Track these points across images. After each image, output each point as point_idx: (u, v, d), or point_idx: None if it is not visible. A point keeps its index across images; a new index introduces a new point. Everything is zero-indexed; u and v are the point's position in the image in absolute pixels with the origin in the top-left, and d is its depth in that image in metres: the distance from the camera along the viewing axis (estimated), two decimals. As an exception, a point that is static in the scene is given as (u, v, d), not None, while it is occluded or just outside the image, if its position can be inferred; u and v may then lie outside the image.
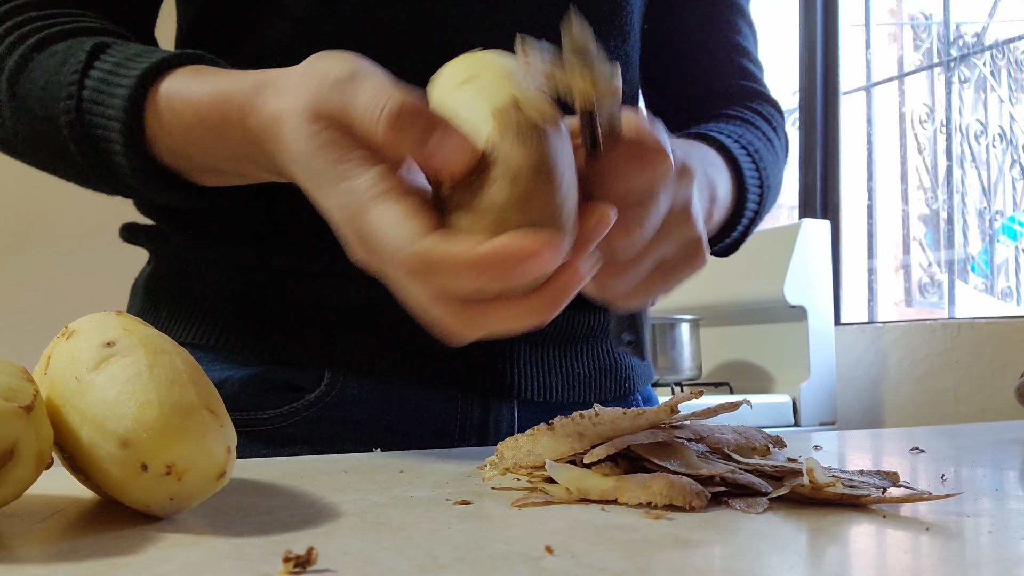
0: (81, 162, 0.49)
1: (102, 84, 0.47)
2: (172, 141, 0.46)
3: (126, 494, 0.29)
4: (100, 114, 0.47)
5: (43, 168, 0.54)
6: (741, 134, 0.62)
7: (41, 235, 2.00)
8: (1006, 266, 2.04)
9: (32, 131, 0.50)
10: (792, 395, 1.85)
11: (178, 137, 0.46)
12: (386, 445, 0.57)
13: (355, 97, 0.34)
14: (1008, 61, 2.08)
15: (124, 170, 0.48)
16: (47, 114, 0.48)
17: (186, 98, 0.45)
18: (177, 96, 0.45)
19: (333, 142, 0.35)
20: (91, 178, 0.50)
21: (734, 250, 0.66)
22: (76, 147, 0.48)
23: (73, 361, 0.31)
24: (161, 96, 0.46)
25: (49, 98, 0.48)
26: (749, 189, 0.58)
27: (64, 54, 0.49)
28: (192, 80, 0.45)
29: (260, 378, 0.57)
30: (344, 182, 0.34)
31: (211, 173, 0.48)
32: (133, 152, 0.46)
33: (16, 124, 0.51)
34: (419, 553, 0.26)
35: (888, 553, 0.28)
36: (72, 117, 0.47)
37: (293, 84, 0.38)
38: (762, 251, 1.95)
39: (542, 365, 0.61)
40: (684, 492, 0.33)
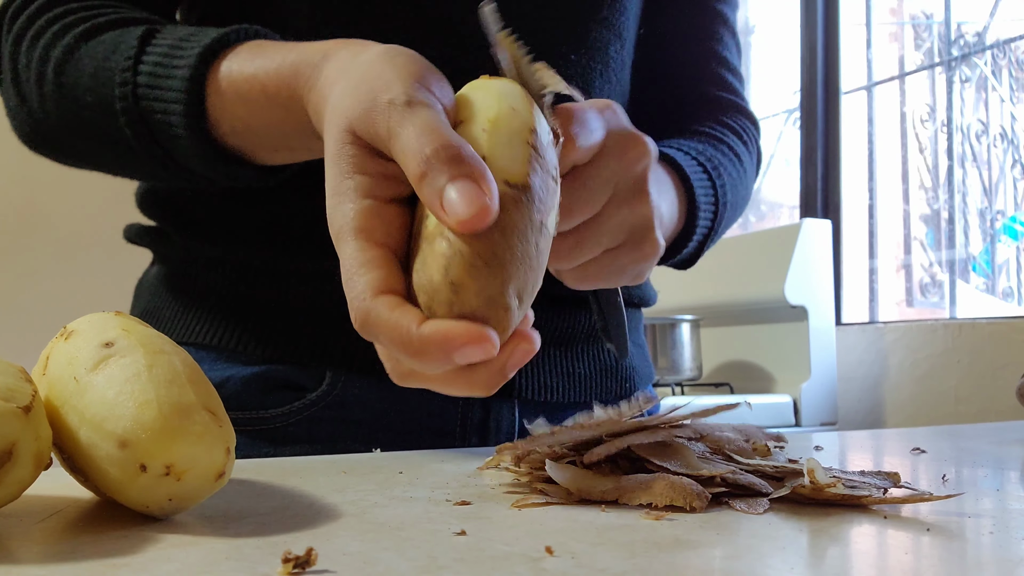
0: (137, 147, 0.48)
1: (158, 68, 0.46)
2: (237, 121, 0.46)
3: (125, 495, 0.29)
4: (158, 98, 0.46)
5: (82, 160, 0.54)
6: (702, 150, 0.62)
7: (40, 235, 2.00)
8: (1007, 266, 2.03)
9: (79, 119, 0.50)
10: (793, 395, 1.85)
11: (243, 116, 0.45)
12: (387, 445, 0.57)
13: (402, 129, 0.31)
14: (1009, 60, 2.08)
15: (187, 153, 0.47)
16: (98, 100, 0.48)
17: (249, 75, 0.44)
18: (239, 75, 0.45)
19: (351, 156, 0.33)
20: (145, 166, 0.50)
21: (690, 264, 0.65)
22: (132, 132, 0.47)
23: (72, 361, 0.31)
24: (223, 75, 0.45)
25: (99, 85, 0.48)
26: (700, 206, 0.57)
27: (113, 41, 0.49)
28: (255, 55, 0.45)
29: (262, 378, 0.57)
30: (337, 199, 0.33)
31: (278, 150, 0.47)
32: (196, 135, 0.46)
33: (61, 114, 0.50)
34: (419, 554, 0.26)
35: (889, 554, 0.28)
36: (128, 103, 0.47)
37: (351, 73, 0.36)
38: (763, 251, 1.95)
39: (543, 365, 0.61)
40: (685, 493, 0.33)
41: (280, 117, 0.44)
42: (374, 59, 0.36)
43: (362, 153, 0.33)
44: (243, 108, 0.45)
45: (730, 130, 0.69)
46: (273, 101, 0.43)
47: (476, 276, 0.29)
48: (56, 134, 0.52)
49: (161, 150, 0.48)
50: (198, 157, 0.47)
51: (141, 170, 0.52)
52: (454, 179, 0.29)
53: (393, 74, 0.34)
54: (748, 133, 0.71)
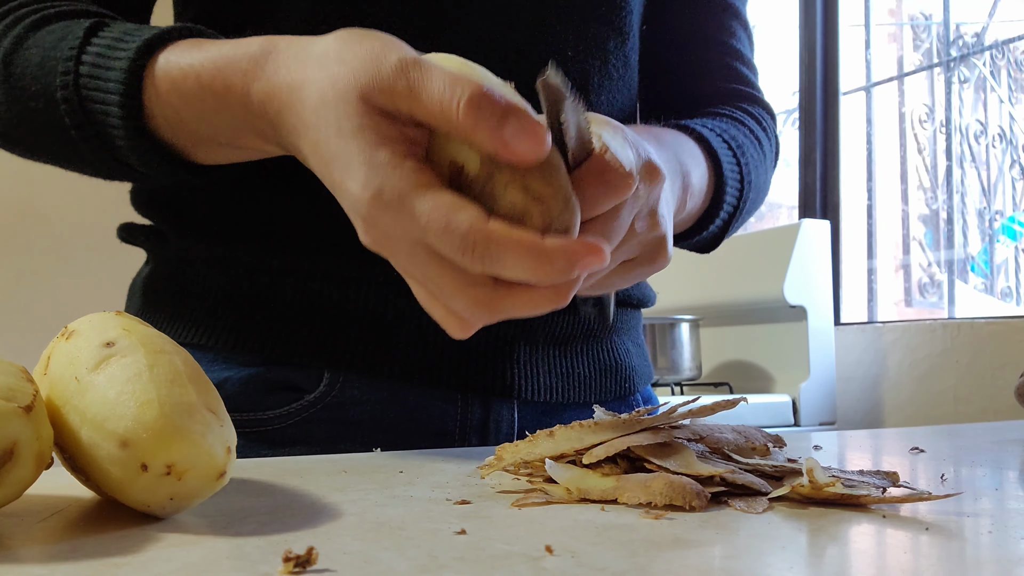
0: (76, 138, 0.48)
1: (99, 59, 0.46)
2: (170, 112, 0.46)
3: (126, 494, 0.29)
4: (97, 88, 0.46)
5: (36, 154, 0.53)
6: (725, 128, 0.62)
7: (41, 235, 2.00)
8: (1006, 266, 2.04)
9: (26, 110, 0.49)
10: (792, 395, 1.85)
11: (176, 106, 0.45)
12: (386, 445, 0.57)
13: (427, 82, 0.33)
14: (1008, 61, 2.08)
15: (121, 144, 0.47)
16: (43, 89, 0.48)
17: (185, 67, 0.44)
18: (176, 66, 0.45)
19: (373, 127, 0.34)
20: (86, 157, 0.49)
21: (714, 246, 0.66)
22: (72, 121, 0.47)
23: (73, 361, 0.31)
24: (159, 67, 0.45)
25: (44, 74, 0.48)
26: (728, 181, 0.58)
27: (62, 31, 0.49)
28: (192, 49, 0.45)
29: (260, 379, 0.57)
30: (379, 168, 0.34)
31: (209, 146, 0.47)
32: (131, 125, 0.46)
33: (10, 104, 0.50)
34: (419, 553, 0.26)
35: (888, 553, 0.28)
36: (69, 92, 0.47)
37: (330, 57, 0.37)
38: (762, 251, 1.95)
39: (542, 365, 0.61)
40: (684, 492, 0.33)
41: (212, 107, 0.44)
42: (347, 38, 0.37)
43: (384, 121, 0.35)
44: (177, 99, 0.45)
45: (750, 115, 0.69)
46: (207, 91, 0.44)
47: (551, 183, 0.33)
48: (10, 128, 0.52)
49: (100, 142, 0.48)
50: (133, 149, 0.47)
51: (86, 163, 0.51)
52: (504, 119, 0.32)
53: (380, 44, 0.35)
54: (766, 122, 0.71)
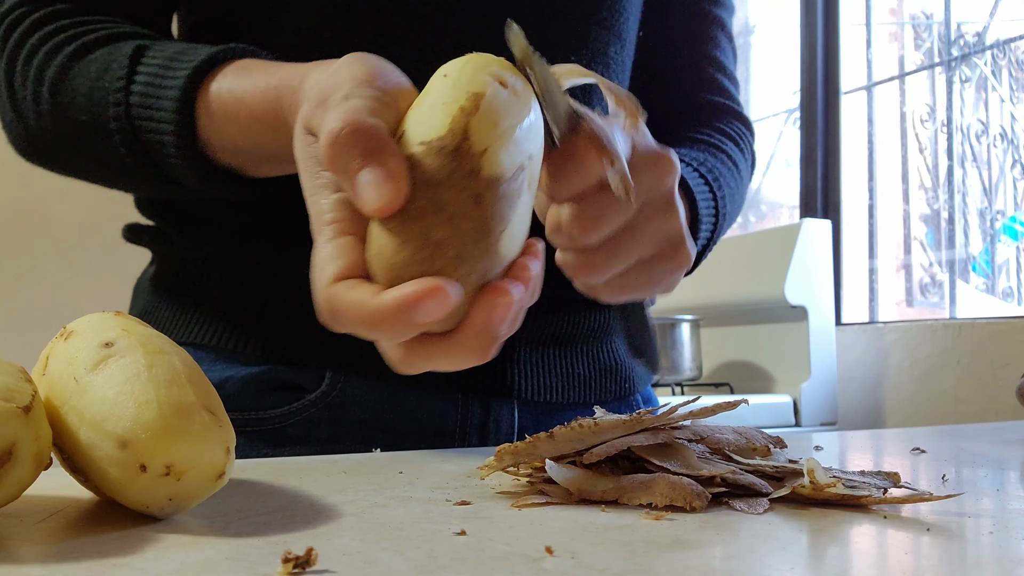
0: (133, 165, 0.49)
1: (149, 88, 0.47)
2: (227, 140, 0.46)
3: (125, 495, 0.29)
4: (150, 118, 0.47)
5: (79, 173, 0.55)
6: (704, 160, 0.63)
7: (40, 235, 2.00)
8: (1007, 266, 2.03)
9: (77, 138, 0.50)
10: (793, 395, 1.85)
11: (233, 135, 0.46)
12: (387, 445, 0.57)
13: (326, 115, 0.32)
14: (1009, 61, 2.08)
15: (179, 171, 0.48)
16: (94, 120, 0.49)
17: (239, 97, 0.45)
18: (229, 95, 0.45)
19: (312, 156, 0.34)
20: (142, 179, 0.51)
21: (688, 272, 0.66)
22: (127, 151, 0.48)
23: (71, 362, 0.31)
24: (212, 96, 0.46)
25: (94, 105, 0.49)
26: (702, 219, 0.58)
27: (105, 60, 0.49)
28: (242, 77, 0.45)
29: (261, 378, 0.57)
30: (313, 197, 0.34)
31: (269, 163, 0.48)
32: (187, 154, 0.47)
33: (58, 132, 0.51)
34: (419, 554, 0.26)
35: (889, 554, 0.28)
36: (123, 123, 0.48)
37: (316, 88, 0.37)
38: (763, 251, 1.95)
39: (542, 365, 0.61)
40: (684, 493, 0.33)
41: (270, 139, 0.44)
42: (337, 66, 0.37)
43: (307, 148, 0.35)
44: (233, 128, 0.46)
45: (727, 137, 0.69)
46: (261, 123, 0.44)
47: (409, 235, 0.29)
48: (54, 149, 0.53)
49: (156, 168, 0.49)
50: (192, 174, 0.48)
51: (139, 185, 0.53)
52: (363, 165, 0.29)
53: (346, 75, 0.34)
54: (744, 139, 0.71)
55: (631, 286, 0.43)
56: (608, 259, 0.41)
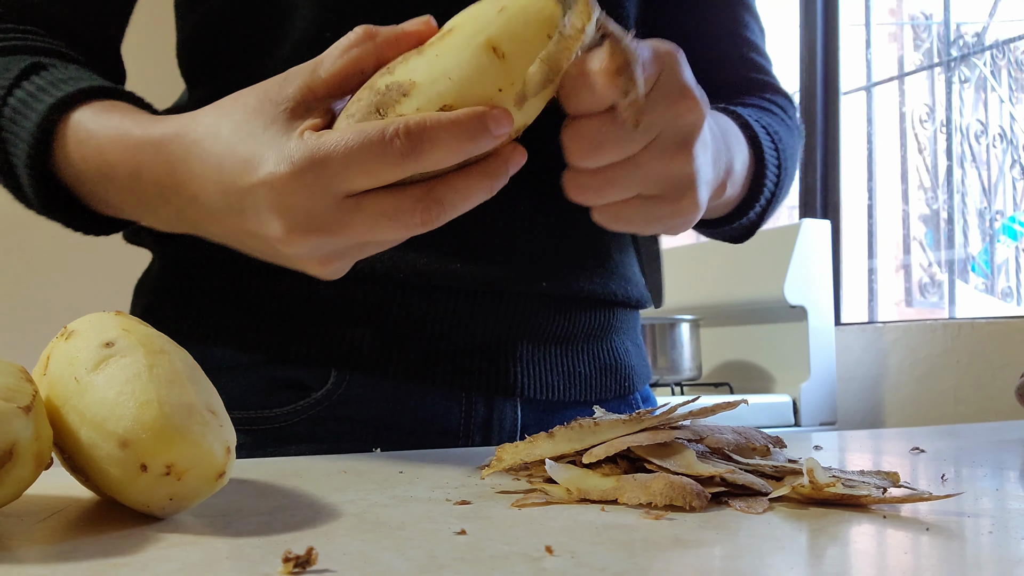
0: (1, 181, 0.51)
1: (22, 105, 0.48)
2: (72, 169, 0.47)
3: (126, 494, 0.29)
4: (14, 133, 0.48)
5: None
6: (760, 116, 0.62)
7: (40, 235, 2.00)
8: (1006, 266, 2.04)
9: None
10: (792, 395, 1.85)
11: (77, 165, 0.47)
12: (391, 444, 0.57)
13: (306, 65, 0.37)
14: (1008, 61, 2.08)
15: (28, 188, 0.49)
16: None
17: (90, 130, 0.46)
18: (83, 128, 0.46)
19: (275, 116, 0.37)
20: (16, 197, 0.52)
21: (749, 235, 0.65)
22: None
23: (72, 361, 0.31)
24: (71, 125, 0.47)
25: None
26: (768, 168, 0.57)
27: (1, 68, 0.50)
28: (102, 113, 0.46)
29: (266, 377, 0.57)
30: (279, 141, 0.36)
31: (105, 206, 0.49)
32: (36, 175, 0.48)
33: None
34: (419, 553, 0.26)
35: (888, 553, 0.28)
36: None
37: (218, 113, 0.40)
38: (762, 251, 1.95)
39: (544, 364, 0.62)
40: (684, 492, 0.33)
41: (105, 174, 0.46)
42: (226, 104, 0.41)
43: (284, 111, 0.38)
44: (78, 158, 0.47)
45: (775, 104, 0.69)
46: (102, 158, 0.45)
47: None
48: None
49: (16, 182, 0.50)
50: (37, 197, 0.49)
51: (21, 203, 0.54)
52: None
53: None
54: (789, 110, 0.71)
55: (626, 219, 0.42)
56: (602, 186, 0.40)
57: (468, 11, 0.37)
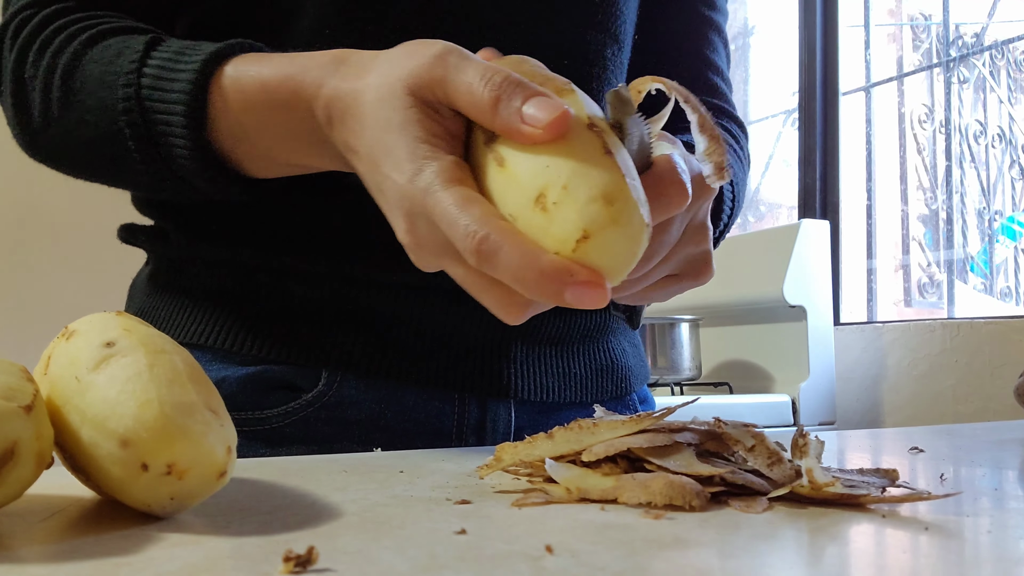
0: (135, 148, 0.48)
1: (163, 71, 0.47)
2: (233, 122, 0.46)
3: (127, 494, 0.30)
4: (161, 99, 0.47)
5: (82, 170, 0.54)
6: None
7: (41, 235, 2.00)
8: (1005, 266, 2.04)
9: (83, 124, 0.50)
10: (791, 395, 1.85)
11: (240, 117, 0.45)
12: (384, 445, 0.57)
13: (459, 71, 0.35)
14: (1007, 61, 2.08)
15: (180, 154, 0.47)
16: (101, 104, 0.48)
17: (254, 75, 0.45)
18: (245, 74, 0.45)
19: (418, 121, 0.36)
20: (139, 171, 0.50)
21: None
22: (132, 132, 0.48)
23: (73, 361, 0.31)
24: (228, 75, 0.46)
25: (104, 87, 0.48)
26: (724, 202, 0.60)
27: (119, 47, 0.49)
28: (261, 61, 0.45)
29: (258, 378, 0.57)
30: (416, 163, 0.35)
31: (263, 161, 0.48)
32: (192, 135, 0.46)
33: (64, 121, 0.51)
34: (419, 552, 0.26)
35: (887, 553, 0.28)
36: (131, 103, 0.47)
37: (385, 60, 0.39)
38: (762, 251, 1.96)
39: (539, 365, 0.61)
40: (684, 492, 0.33)
41: (274, 116, 0.44)
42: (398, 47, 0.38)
43: (429, 115, 0.36)
44: (242, 108, 0.45)
45: (728, 133, 0.70)
46: (272, 99, 0.44)
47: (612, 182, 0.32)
48: (55, 143, 0.52)
49: (158, 154, 0.48)
50: (193, 160, 0.47)
51: (135, 178, 0.52)
52: (528, 98, 0.32)
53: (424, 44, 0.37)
54: (740, 140, 0.72)
55: (651, 297, 0.45)
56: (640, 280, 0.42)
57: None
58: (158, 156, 0.48)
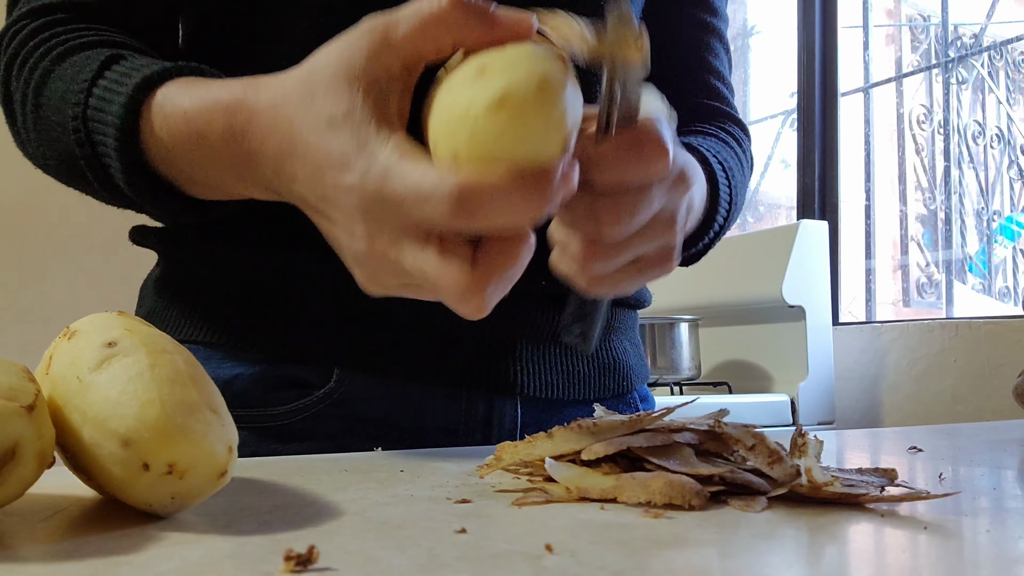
0: (84, 169, 0.49)
1: (106, 92, 0.47)
2: (162, 149, 0.46)
3: (128, 493, 0.30)
4: (100, 120, 0.47)
5: (63, 180, 0.54)
6: (718, 150, 0.64)
7: (42, 235, 2.00)
8: (1004, 266, 2.04)
9: (50, 139, 0.51)
10: (790, 395, 1.85)
11: (167, 144, 0.45)
12: (392, 442, 0.58)
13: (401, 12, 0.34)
14: (1006, 62, 2.08)
15: (118, 177, 0.47)
16: (60, 121, 0.49)
17: (176, 104, 0.44)
18: (169, 102, 0.45)
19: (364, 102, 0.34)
20: (96, 188, 0.50)
21: (695, 261, 0.67)
22: (80, 152, 0.48)
23: (75, 361, 0.31)
24: (156, 103, 0.46)
25: (63, 106, 0.49)
26: (720, 204, 0.59)
27: (81, 64, 0.49)
28: (187, 88, 0.45)
29: (269, 375, 0.57)
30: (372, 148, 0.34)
31: (198, 185, 0.48)
32: (126, 159, 0.46)
33: (38, 135, 0.52)
34: (420, 552, 0.26)
35: (886, 552, 0.28)
36: (78, 124, 0.48)
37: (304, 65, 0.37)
38: (761, 252, 1.96)
39: (543, 363, 0.62)
40: (683, 491, 0.33)
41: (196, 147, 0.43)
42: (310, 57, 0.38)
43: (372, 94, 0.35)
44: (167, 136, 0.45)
45: (730, 135, 0.70)
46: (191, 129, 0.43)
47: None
48: (38, 153, 0.53)
49: (105, 175, 0.49)
50: (129, 182, 0.47)
51: (97, 195, 0.52)
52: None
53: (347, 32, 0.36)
54: (743, 142, 0.72)
55: (619, 282, 0.44)
56: (616, 251, 0.41)
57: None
58: (105, 177, 0.49)
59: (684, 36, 0.72)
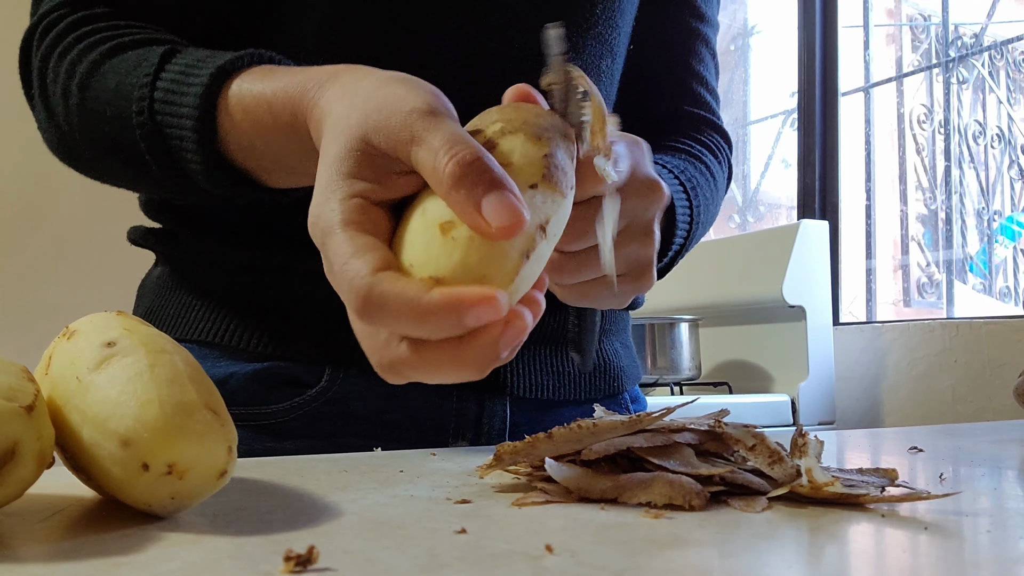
0: (152, 161, 0.48)
1: (174, 84, 0.47)
2: (243, 138, 0.46)
3: (127, 493, 0.30)
4: (172, 113, 0.47)
5: (101, 174, 0.54)
6: (684, 168, 0.63)
7: (42, 235, 2.00)
8: (1004, 266, 2.04)
9: (100, 134, 0.50)
10: (791, 395, 1.85)
11: (249, 134, 0.45)
12: (385, 439, 0.58)
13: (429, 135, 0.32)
14: (1006, 62, 2.08)
15: (196, 169, 0.47)
16: (117, 114, 0.49)
17: (257, 94, 0.44)
18: (249, 93, 0.45)
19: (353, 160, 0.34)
20: (161, 181, 0.50)
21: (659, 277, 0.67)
22: (147, 146, 0.48)
23: (74, 361, 0.31)
24: (232, 94, 0.45)
25: (120, 99, 0.49)
26: (678, 226, 0.59)
27: (136, 58, 0.49)
28: (264, 77, 0.45)
29: (264, 374, 0.58)
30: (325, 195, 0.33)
31: (281, 172, 0.47)
32: (204, 151, 0.46)
33: (84, 128, 0.51)
34: (419, 552, 0.26)
35: (887, 552, 0.28)
36: (144, 118, 0.47)
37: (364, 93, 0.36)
38: (761, 251, 1.96)
39: (534, 363, 0.63)
40: (683, 491, 0.33)
41: (280, 136, 0.44)
42: (384, 79, 0.37)
43: (366, 160, 0.34)
44: (250, 126, 0.45)
45: (705, 147, 0.70)
46: (277, 120, 0.43)
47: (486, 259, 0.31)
48: (80, 148, 0.53)
49: (175, 167, 0.48)
50: (207, 174, 0.47)
51: (157, 186, 0.52)
52: (490, 189, 0.30)
53: (406, 90, 0.35)
54: (721, 151, 0.72)
55: (590, 296, 0.44)
56: (578, 267, 0.42)
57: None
58: (175, 168, 0.48)
59: (672, 41, 0.72)
